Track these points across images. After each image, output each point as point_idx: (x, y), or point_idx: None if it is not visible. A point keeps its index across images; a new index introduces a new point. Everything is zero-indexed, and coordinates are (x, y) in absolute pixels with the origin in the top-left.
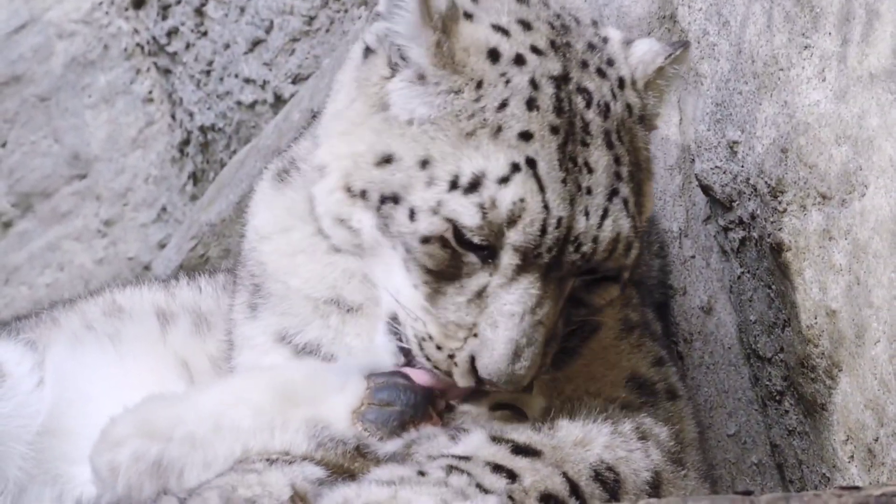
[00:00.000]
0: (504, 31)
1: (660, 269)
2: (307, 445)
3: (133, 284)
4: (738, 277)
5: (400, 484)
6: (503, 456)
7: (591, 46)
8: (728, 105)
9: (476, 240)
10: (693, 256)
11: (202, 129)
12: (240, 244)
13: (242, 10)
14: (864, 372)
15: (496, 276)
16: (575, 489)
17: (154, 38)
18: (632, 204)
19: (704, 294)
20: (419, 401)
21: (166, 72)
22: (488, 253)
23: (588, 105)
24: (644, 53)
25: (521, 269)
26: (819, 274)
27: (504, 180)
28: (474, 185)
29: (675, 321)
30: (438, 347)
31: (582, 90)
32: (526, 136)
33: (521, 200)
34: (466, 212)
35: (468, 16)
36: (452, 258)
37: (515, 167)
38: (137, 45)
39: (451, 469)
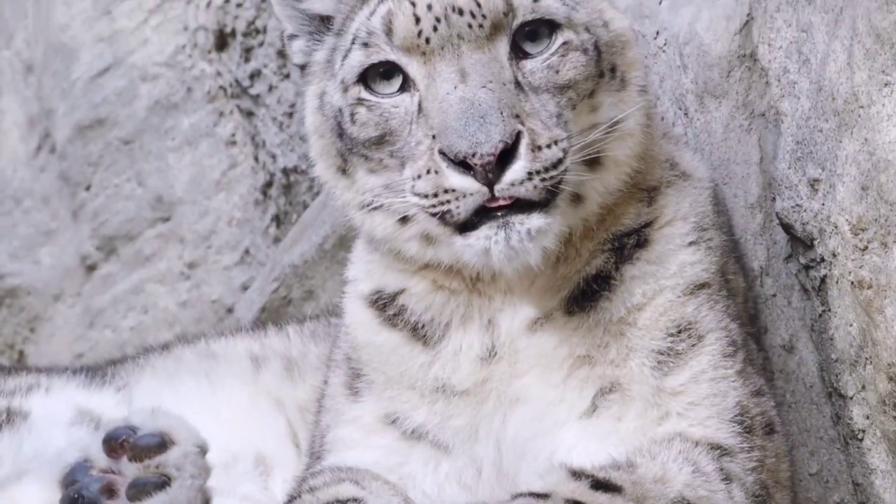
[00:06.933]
0: None
1: (746, 293)
2: None
3: (226, 336)
4: (820, 316)
5: None
6: (582, 492)
7: None
8: (808, 143)
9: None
10: (774, 295)
11: (285, 171)
12: None
13: None
14: None
15: (418, 86)
16: None
17: (237, 81)
18: None
19: (786, 333)
20: None
21: (249, 114)
22: (398, 78)
23: None
24: None
25: (427, 63)
26: None
27: (373, 13)
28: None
29: None
30: (420, 179)
31: None
32: None
33: (388, 11)
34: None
35: None
36: (379, 113)
37: None
38: (220, 87)
39: None
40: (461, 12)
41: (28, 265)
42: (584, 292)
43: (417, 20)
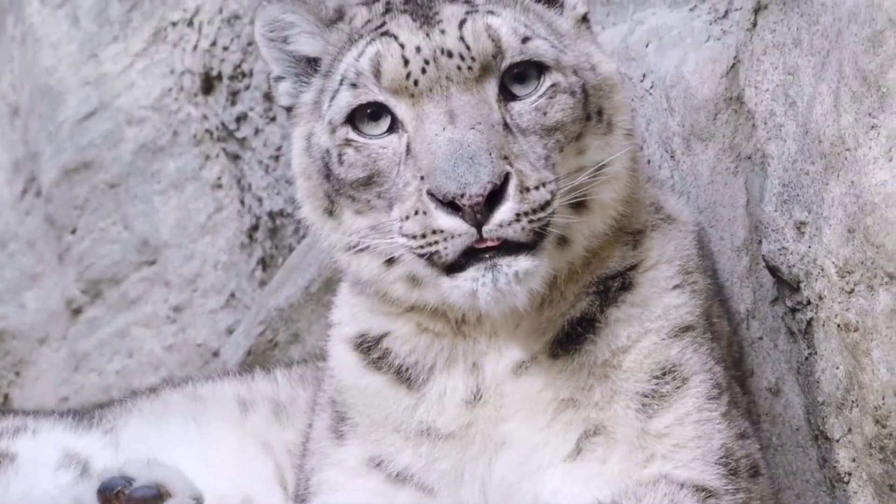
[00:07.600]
0: None
1: (731, 337)
2: None
3: (213, 379)
4: (806, 358)
5: None
6: None
7: None
8: (795, 185)
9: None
10: (761, 338)
11: (271, 214)
12: None
13: None
14: None
15: (407, 127)
16: None
17: (223, 124)
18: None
19: (772, 375)
20: None
21: (235, 157)
22: (386, 119)
23: None
24: None
25: (416, 104)
26: (887, 354)
27: (361, 55)
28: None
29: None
30: (408, 220)
31: None
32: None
33: (377, 53)
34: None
35: None
36: (367, 154)
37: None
38: (206, 130)
39: None
40: (450, 54)
41: (13, 308)
42: (568, 335)
43: (406, 62)
